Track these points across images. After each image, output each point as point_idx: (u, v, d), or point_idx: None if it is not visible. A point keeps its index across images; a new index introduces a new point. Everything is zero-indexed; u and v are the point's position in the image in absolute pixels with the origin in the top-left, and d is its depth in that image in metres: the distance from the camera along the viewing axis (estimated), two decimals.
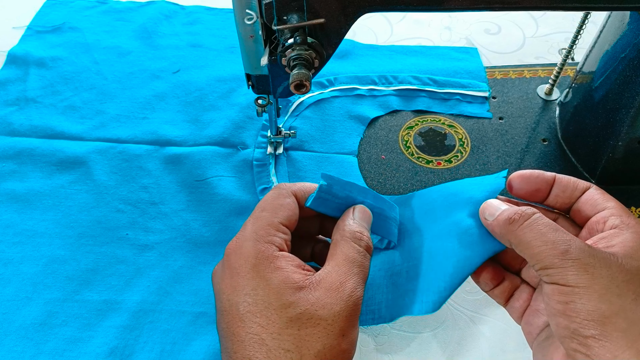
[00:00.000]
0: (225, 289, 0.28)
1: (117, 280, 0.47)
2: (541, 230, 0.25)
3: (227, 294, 0.28)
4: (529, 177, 0.30)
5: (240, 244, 0.29)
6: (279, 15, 0.34)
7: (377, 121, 0.60)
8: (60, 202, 0.52)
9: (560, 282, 0.24)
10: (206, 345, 0.44)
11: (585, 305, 0.23)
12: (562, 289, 0.24)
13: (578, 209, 0.29)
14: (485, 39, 0.72)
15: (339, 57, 0.68)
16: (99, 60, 0.66)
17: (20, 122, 0.59)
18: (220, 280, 0.29)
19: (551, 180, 0.29)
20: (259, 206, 0.31)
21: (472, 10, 0.37)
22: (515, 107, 0.62)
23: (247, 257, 0.28)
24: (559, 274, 0.24)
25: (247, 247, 0.29)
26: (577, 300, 0.23)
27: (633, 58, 0.46)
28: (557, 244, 0.24)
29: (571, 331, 0.23)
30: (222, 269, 0.30)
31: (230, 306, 0.28)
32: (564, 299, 0.23)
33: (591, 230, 0.28)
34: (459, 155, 0.57)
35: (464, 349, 0.44)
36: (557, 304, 0.24)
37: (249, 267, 0.28)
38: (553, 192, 0.29)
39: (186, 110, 0.61)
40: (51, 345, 0.43)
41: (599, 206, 0.28)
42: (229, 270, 0.29)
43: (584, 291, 0.23)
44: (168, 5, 0.74)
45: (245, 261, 0.28)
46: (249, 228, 0.30)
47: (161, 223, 0.51)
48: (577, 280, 0.23)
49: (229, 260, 0.29)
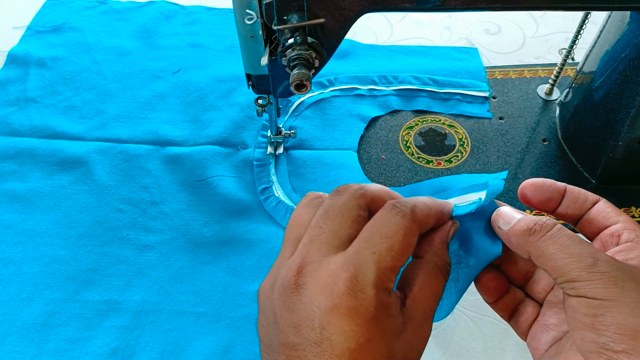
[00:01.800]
0: (325, 325, 0.23)
1: (118, 280, 0.47)
2: (565, 242, 0.24)
3: (326, 331, 0.23)
4: (542, 185, 0.29)
5: (360, 286, 0.23)
6: (279, 15, 0.34)
7: (377, 121, 0.60)
8: (60, 202, 0.52)
9: (588, 295, 0.23)
10: (207, 345, 0.44)
11: (616, 318, 0.22)
12: (590, 302, 0.23)
13: (588, 220, 0.29)
14: (485, 39, 0.72)
15: (339, 57, 0.68)
16: (99, 60, 0.66)
17: (20, 122, 0.59)
18: (310, 312, 0.23)
19: (562, 190, 0.29)
20: (384, 238, 0.24)
21: (472, 10, 0.37)
22: (516, 107, 0.62)
23: (368, 307, 0.23)
24: (587, 287, 0.23)
25: (368, 293, 0.23)
26: (606, 313, 0.23)
27: (633, 58, 0.46)
28: (582, 256, 0.24)
29: (599, 345, 0.23)
30: (321, 298, 0.23)
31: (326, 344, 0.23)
32: (592, 312, 0.23)
33: (605, 244, 0.27)
34: (459, 155, 0.57)
35: (464, 349, 0.44)
36: (584, 317, 0.23)
37: (369, 317, 0.23)
38: (564, 203, 0.29)
39: (186, 110, 0.61)
40: (52, 345, 0.43)
41: (611, 219, 0.28)
42: (342, 310, 0.23)
43: (614, 304, 0.23)
44: (168, 5, 0.74)
45: (367, 310, 0.23)
46: (372, 270, 0.23)
47: (162, 223, 0.51)
48: (606, 293, 0.23)
49: (340, 296, 0.23)
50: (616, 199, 0.53)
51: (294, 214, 0.28)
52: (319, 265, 0.24)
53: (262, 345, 0.26)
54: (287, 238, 0.27)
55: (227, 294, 0.46)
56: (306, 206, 0.27)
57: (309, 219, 0.26)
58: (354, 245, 0.24)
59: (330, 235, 0.25)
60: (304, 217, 0.27)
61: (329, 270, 0.23)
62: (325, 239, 0.25)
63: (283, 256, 0.26)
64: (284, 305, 0.24)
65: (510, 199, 0.53)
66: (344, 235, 0.25)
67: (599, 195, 0.29)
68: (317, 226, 0.25)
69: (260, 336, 0.26)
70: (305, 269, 0.24)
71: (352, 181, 0.54)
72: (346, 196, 0.26)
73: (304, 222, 0.27)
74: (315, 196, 0.28)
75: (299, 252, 0.25)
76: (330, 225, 0.25)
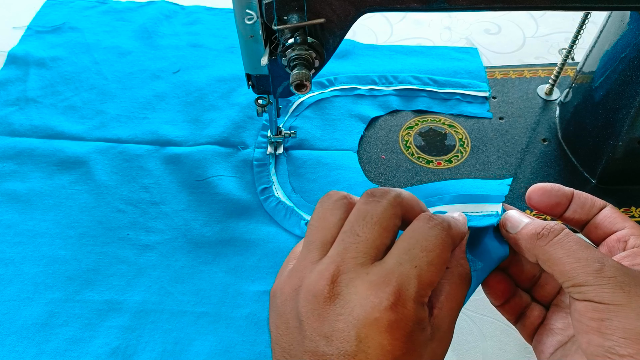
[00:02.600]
0: (363, 338, 0.22)
1: (119, 281, 0.47)
2: (572, 247, 0.25)
3: (362, 344, 0.22)
4: (550, 190, 0.29)
5: (402, 301, 0.23)
6: (279, 15, 0.34)
7: (377, 121, 0.60)
8: (61, 202, 0.52)
9: (594, 300, 0.23)
10: (208, 345, 0.44)
11: (622, 323, 0.23)
12: (596, 307, 0.23)
13: (595, 225, 0.29)
14: (485, 39, 0.72)
15: (339, 57, 0.68)
16: (99, 60, 0.66)
17: (20, 122, 0.59)
18: (346, 323, 0.23)
19: (570, 195, 0.29)
20: (425, 251, 0.24)
21: (472, 10, 0.37)
22: (516, 107, 0.62)
23: (407, 322, 0.23)
24: (594, 292, 0.23)
25: (409, 308, 0.23)
26: (613, 317, 0.23)
27: (633, 58, 0.46)
28: (589, 261, 0.24)
29: (605, 349, 0.23)
30: (360, 310, 0.23)
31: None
32: (598, 316, 0.23)
33: (611, 249, 0.28)
34: (459, 155, 0.57)
35: (464, 349, 0.44)
36: (590, 321, 0.24)
37: (407, 332, 0.23)
38: (571, 208, 0.29)
39: (186, 110, 0.61)
40: (53, 345, 0.43)
41: (617, 224, 0.28)
42: (383, 324, 0.22)
43: (621, 309, 0.23)
44: (168, 5, 0.74)
45: (406, 325, 0.23)
46: (414, 284, 0.23)
47: (162, 223, 0.51)
48: (613, 298, 0.23)
49: (382, 310, 0.22)
50: (616, 199, 0.53)
51: (319, 215, 0.27)
52: (356, 275, 0.23)
53: (278, 348, 0.25)
54: (312, 241, 0.26)
55: (228, 294, 0.46)
56: (332, 208, 0.26)
57: (335, 221, 0.26)
58: (393, 256, 0.24)
59: (367, 244, 0.24)
60: (330, 220, 0.26)
61: (368, 282, 0.23)
62: (362, 248, 0.24)
63: (307, 260, 0.25)
64: (315, 314, 0.23)
65: (511, 199, 0.53)
66: (380, 245, 0.24)
67: (599, 195, 0.29)
68: (352, 233, 0.25)
69: (275, 338, 0.26)
70: (340, 277, 0.24)
71: (353, 182, 0.54)
72: (384, 204, 0.25)
73: (330, 225, 0.26)
74: (340, 196, 0.27)
75: (332, 258, 0.24)
76: (367, 233, 0.24)
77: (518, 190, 0.54)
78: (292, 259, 0.28)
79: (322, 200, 0.27)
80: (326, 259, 0.25)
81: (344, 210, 0.26)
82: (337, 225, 0.26)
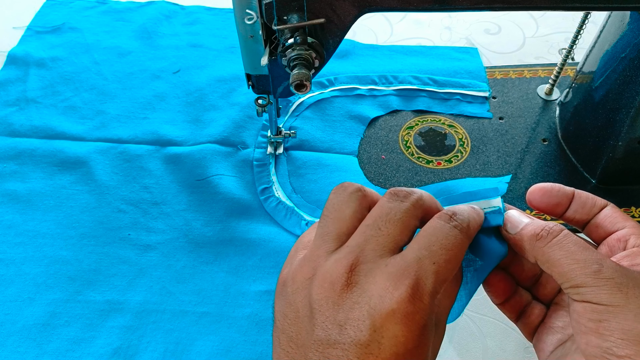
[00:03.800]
0: (377, 327, 0.22)
1: (120, 281, 0.47)
2: (571, 248, 0.25)
3: (376, 334, 0.23)
4: (550, 190, 0.29)
5: (420, 294, 0.23)
6: (279, 15, 0.34)
7: (377, 121, 0.60)
8: (61, 202, 0.52)
9: (593, 301, 0.24)
10: (209, 345, 0.44)
11: (620, 324, 0.23)
12: (594, 307, 0.24)
13: (596, 225, 0.29)
14: (485, 39, 0.72)
15: (339, 57, 0.68)
16: (99, 60, 0.66)
17: (20, 123, 0.59)
18: (362, 312, 0.23)
19: (571, 194, 0.29)
20: (444, 249, 0.24)
21: (472, 10, 0.37)
22: (516, 107, 0.62)
23: (423, 315, 0.23)
24: (592, 293, 0.24)
25: (425, 302, 0.23)
26: (611, 318, 0.23)
27: (633, 58, 0.46)
28: (588, 262, 0.24)
29: (603, 350, 0.23)
30: (377, 300, 0.23)
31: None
32: (596, 317, 0.23)
33: (612, 248, 0.28)
34: (459, 155, 0.57)
35: (464, 349, 0.44)
36: (588, 322, 0.24)
37: (421, 325, 0.23)
38: (572, 208, 0.29)
39: (186, 110, 0.61)
40: (54, 345, 0.43)
41: (618, 224, 0.28)
42: (399, 315, 0.23)
43: (619, 310, 0.23)
44: (168, 5, 0.74)
45: (421, 318, 0.23)
46: (432, 279, 0.23)
47: (163, 223, 0.51)
48: (611, 299, 0.23)
49: (399, 301, 0.23)
50: (616, 199, 0.53)
51: (334, 206, 0.27)
52: (375, 265, 0.24)
53: (284, 337, 0.25)
54: (326, 232, 0.26)
55: (229, 294, 0.47)
56: (347, 200, 0.26)
57: (350, 213, 0.26)
58: (412, 250, 0.24)
59: (388, 239, 0.25)
60: (346, 212, 0.26)
61: (387, 273, 0.23)
62: (382, 241, 0.24)
63: (322, 249, 0.25)
64: (330, 301, 0.23)
65: (511, 199, 0.53)
66: (400, 241, 0.25)
67: (599, 195, 0.29)
68: (375, 227, 0.25)
69: (282, 327, 0.25)
70: (359, 267, 0.24)
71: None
72: (408, 204, 0.26)
73: (346, 216, 0.26)
74: (355, 189, 0.27)
75: (351, 248, 0.24)
76: (390, 229, 0.25)
77: (518, 190, 0.54)
78: (302, 248, 0.27)
79: (337, 192, 0.27)
80: (344, 249, 0.25)
81: (359, 203, 0.26)
82: (352, 217, 0.26)
